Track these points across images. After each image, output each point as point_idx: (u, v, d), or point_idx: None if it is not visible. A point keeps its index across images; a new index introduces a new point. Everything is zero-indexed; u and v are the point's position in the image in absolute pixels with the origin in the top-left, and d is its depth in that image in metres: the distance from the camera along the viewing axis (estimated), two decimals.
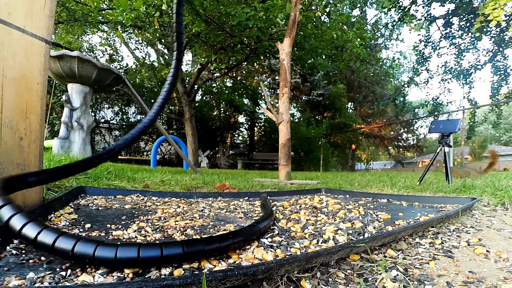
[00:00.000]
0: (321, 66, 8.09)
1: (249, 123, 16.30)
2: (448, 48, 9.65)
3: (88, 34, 9.61)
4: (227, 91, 14.96)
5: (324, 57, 7.84)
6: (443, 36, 9.49)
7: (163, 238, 0.90)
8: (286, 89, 4.20)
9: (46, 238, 0.63)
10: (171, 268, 0.65)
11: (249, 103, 14.90)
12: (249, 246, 0.83)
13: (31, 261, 0.67)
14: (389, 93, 16.61)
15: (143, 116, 12.05)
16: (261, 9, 5.73)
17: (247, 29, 6.24)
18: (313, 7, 6.86)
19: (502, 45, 8.28)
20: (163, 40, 7.05)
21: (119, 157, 9.60)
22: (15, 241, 0.78)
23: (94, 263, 0.63)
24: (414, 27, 8.72)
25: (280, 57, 4.26)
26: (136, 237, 0.90)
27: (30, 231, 0.64)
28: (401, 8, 8.31)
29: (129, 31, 9.25)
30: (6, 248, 0.73)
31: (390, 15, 9.27)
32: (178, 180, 2.62)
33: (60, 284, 0.57)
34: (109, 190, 1.75)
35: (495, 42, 8.41)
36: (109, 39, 10.85)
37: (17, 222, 0.66)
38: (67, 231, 0.90)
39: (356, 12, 10.11)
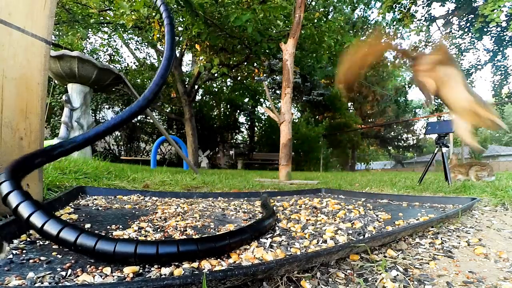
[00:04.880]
0: (320, 72, 8.10)
1: (249, 123, 16.30)
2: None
3: (89, 36, 9.63)
4: (227, 91, 14.98)
5: (324, 61, 7.85)
6: (443, 36, 9.48)
7: (163, 238, 0.90)
8: (289, 89, 4.20)
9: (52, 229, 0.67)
10: (171, 268, 0.66)
11: (249, 101, 14.87)
12: (249, 246, 0.84)
13: (31, 261, 0.67)
14: (389, 93, 16.60)
15: (144, 116, 12.06)
16: (260, 11, 5.72)
17: (246, 30, 6.25)
18: (312, 10, 6.87)
19: (503, 45, 8.28)
20: (163, 41, 7.06)
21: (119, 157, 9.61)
22: (15, 241, 0.78)
23: (94, 256, 0.65)
24: (413, 29, 8.72)
25: (284, 58, 4.26)
26: (136, 237, 0.90)
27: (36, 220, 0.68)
28: (401, 10, 8.30)
29: (130, 32, 9.26)
30: (6, 248, 0.73)
31: (390, 19, 9.24)
32: (178, 180, 2.62)
33: (60, 284, 0.57)
34: (109, 190, 1.76)
35: (495, 42, 8.40)
36: (109, 40, 10.87)
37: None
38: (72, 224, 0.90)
39: (358, 11, 10.08)
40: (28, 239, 0.80)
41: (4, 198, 0.71)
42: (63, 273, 0.61)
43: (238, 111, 15.57)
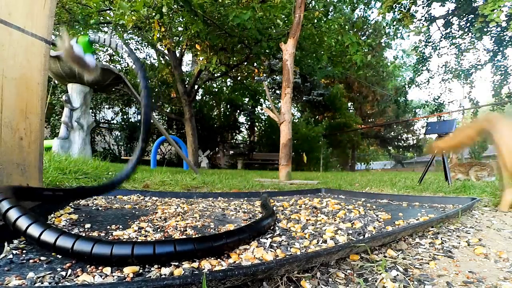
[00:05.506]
0: (320, 72, 8.11)
1: (249, 123, 16.31)
2: (448, 48, 9.64)
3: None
4: (227, 91, 14.97)
5: (324, 61, 7.86)
6: (443, 36, 9.48)
7: (163, 238, 0.90)
8: (289, 89, 4.20)
9: (48, 237, 0.67)
10: (171, 267, 0.66)
11: (249, 101, 14.87)
12: (249, 246, 0.83)
13: (31, 261, 0.67)
14: (389, 93, 16.59)
15: None
16: (259, 9, 5.72)
17: (246, 30, 6.25)
18: (311, 9, 6.87)
19: (503, 45, 8.28)
20: (163, 41, 7.06)
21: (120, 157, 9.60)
22: (15, 241, 0.78)
23: (92, 260, 0.65)
24: (413, 29, 8.71)
25: (284, 58, 4.26)
26: (136, 237, 0.90)
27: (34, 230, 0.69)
28: (400, 11, 8.29)
29: (130, 32, 9.26)
30: (6, 248, 0.73)
31: (390, 19, 9.23)
32: (178, 180, 2.62)
33: (60, 284, 0.57)
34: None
35: (495, 42, 8.40)
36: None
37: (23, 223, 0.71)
38: (67, 231, 0.90)
39: (358, 11, 10.07)
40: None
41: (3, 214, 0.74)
42: (63, 273, 0.61)
43: (238, 111, 15.57)
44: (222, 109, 15.24)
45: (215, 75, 9.55)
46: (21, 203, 0.77)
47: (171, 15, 5.98)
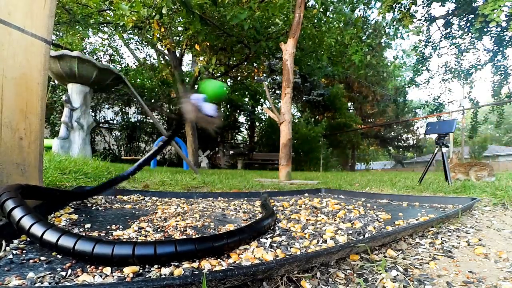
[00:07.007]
0: (320, 72, 8.12)
1: (249, 123, 16.31)
2: (448, 48, 9.64)
3: (90, 37, 9.63)
4: (227, 91, 14.98)
5: (324, 61, 7.87)
6: (443, 36, 9.47)
7: (163, 239, 0.90)
8: (289, 89, 4.20)
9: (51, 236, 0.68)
10: (171, 268, 0.66)
11: (249, 101, 14.87)
12: (249, 246, 0.83)
13: (31, 261, 0.67)
14: (389, 93, 16.60)
15: (144, 116, 12.09)
16: (256, 9, 5.72)
17: (244, 30, 6.26)
18: (310, 7, 6.88)
19: (503, 45, 8.27)
20: (163, 41, 7.06)
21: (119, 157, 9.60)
22: (15, 241, 0.78)
23: (93, 260, 0.65)
24: (412, 29, 8.71)
25: (284, 58, 4.26)
26: (136, 237, 0.90)
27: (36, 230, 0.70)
28: (400, 11, 8.29)
29: (130, 32, 9.27)
30: (6, 248, 0.73)
31: (390, 19, 9.23)
32: (178, 180, 2.62)
33: (60, 284, 0.57)
34: (109, 190, 1.75)
35: (495, 42, 8.40)
36: (109, 40, 10.87)
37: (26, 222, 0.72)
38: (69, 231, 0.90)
39: (358, 12, 10.05)
40: (28, 239, 0.80)
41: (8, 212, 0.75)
42: (63, 273, 0.61)
43: (238, 111, 15.57)
44: (222, 109, 15.23)
45: (215, 75, 9.55)
46: (25, 203, 0.77)
47: (171, 14, 5.98)
